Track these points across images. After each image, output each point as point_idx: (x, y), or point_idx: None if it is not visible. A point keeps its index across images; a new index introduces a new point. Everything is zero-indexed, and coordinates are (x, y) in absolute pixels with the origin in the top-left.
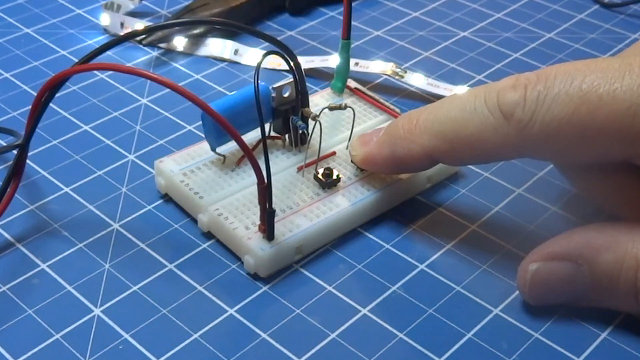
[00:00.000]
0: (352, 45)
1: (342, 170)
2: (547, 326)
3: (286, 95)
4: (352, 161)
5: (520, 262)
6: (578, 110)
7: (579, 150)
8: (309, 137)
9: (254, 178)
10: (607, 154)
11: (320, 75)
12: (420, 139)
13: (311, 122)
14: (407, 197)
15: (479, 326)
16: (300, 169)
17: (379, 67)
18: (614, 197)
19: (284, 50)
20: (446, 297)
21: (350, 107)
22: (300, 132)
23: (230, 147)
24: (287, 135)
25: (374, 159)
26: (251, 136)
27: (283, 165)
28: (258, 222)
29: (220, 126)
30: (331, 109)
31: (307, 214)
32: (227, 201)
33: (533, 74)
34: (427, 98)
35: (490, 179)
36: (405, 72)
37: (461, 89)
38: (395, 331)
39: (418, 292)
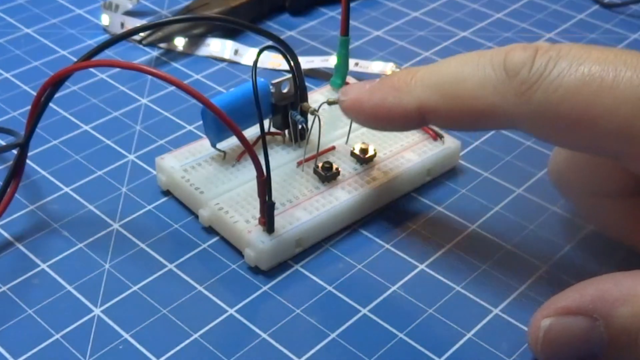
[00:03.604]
0: (352, 46)
1: (341, 164)
2: None
3: (285, 90)
4: (341, 108)
5: (520, 261)
6: (587, 86)
7: (574, 131)
8: (308, 132)
9: (254, 173)
10: (601, 145)
11: (321, 76)
12: (414, 91)
13: (310, 117)
14: (407, 191)
15: (479, 326)
16: (300, 163)
17: (378, 67)
18: (623, 224)
19: (282, 45)
20: (446, 297)
21: None
22: (300, 126)
23: (230, 143)
24: (286, 131)
25: (362, 105)
26: (251, 132)
27: (283, 160)
28: (258, 216)
29: (220, 121)
30: (330, 103)
31: (307, 207)
32: (228, 195)
33: (545, 43)
34: None
35: (490, 179)
36: None
37: None
38: (395, 331)
39: (418, 292)
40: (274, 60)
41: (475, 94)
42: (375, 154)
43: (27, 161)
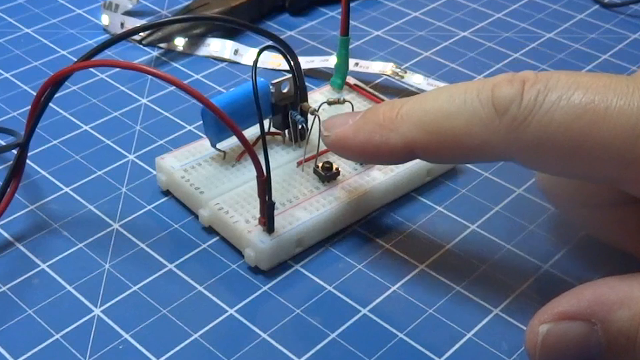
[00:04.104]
0: (352, 46)
1: (341, 164)
2: None
3: (285, 90)
4: (324, 144)
5: (520, 262)
6: (579, 119)
7: (570, 162)
8: (308, 132)
9: (254, 173)
10: (598, 173)
11: (321, 76)
12: (400, 128)
13: (310, 117)
14: (407, 191)
15: (479, 326)
16: (300, 163)
17: (379, 67)
18: (615, 232)
19: (282, 45)
20: (446, 297)
21: (348, 101)
22: (300, 126)
23: (230, 143)
24: (286, 131)
25: (348, 143)
26: (251, 132)
27: (283, 160)
28: (258, 216)
29: (220, 121)
30: (330, 103)
31: (307, 207)
32: (228, 195)
33: (531, 73)
34: None
35: (490, 178)
36: (405, 72)
37: None
38: (395, 331)
39: (418, 292)
40: (274, 60)
41: (464, 132)
42: None
43: (27, 161)
